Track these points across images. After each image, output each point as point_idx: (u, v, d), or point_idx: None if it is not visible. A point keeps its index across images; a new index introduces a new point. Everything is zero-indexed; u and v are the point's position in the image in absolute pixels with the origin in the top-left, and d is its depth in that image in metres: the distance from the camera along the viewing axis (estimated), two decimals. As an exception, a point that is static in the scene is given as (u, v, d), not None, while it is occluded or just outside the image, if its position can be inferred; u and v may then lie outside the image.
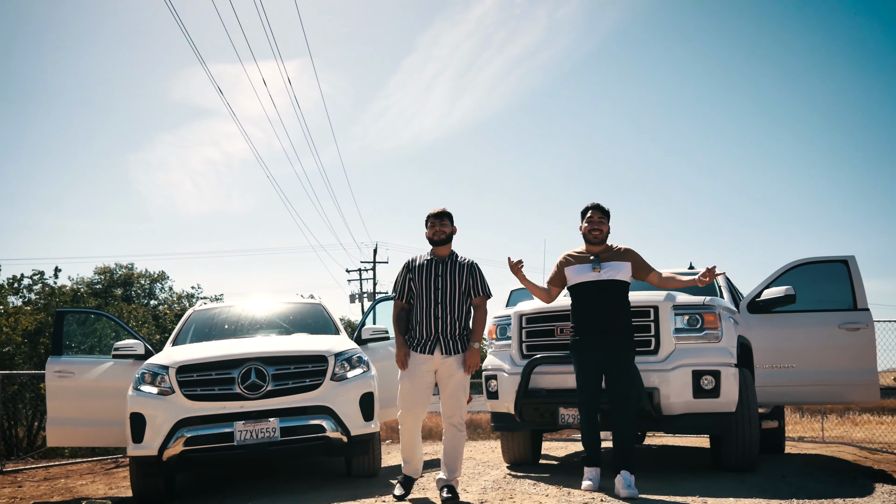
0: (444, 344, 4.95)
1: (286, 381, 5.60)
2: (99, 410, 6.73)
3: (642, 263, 5.25)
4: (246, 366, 5.54)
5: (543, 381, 5.78)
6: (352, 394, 5.76)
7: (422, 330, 4.98)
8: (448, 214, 5.11)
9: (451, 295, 4.98)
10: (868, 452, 9.99)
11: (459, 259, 5.10)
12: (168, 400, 5.48)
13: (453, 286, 4.99)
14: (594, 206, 5.28)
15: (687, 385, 5.37)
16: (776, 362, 6.68)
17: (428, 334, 4.96)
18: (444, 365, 4.96)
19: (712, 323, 5.54)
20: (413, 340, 5.02)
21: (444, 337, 4.94)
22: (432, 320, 4.95)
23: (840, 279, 6.91)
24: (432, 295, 4.97)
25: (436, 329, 4.94)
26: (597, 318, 5.09)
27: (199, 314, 7.49)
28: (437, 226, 5.05)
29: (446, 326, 4.95)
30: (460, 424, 4.98)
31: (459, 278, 5.01)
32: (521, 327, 6.07)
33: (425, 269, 5.03)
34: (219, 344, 6.16)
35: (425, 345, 4.96)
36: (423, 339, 4.97)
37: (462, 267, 5.06)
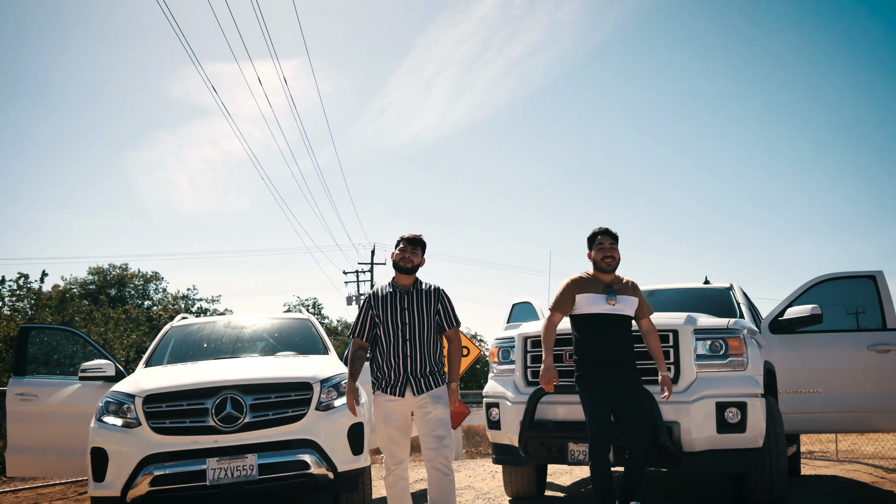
0: (416, 383, 4.43)
1: (266, 411, 5.06)
2: (64, 438, 6.17)
3: (644, 303, 4.90)
4: (221, 395, 5.00)
5: (551, 412, 5.24)
6: (339, 425, 5.21)
7: (390, 370, 4.46)
8: (421, 243, 4.63)
9: (420, 329, 4.47)
10: (884, 472, 9.60)
11: (424, 287, 4.60)
12: (133, 433, 4.93)
13: (421, 319, 4.48)
14: (604, 231, 4.85)
15: (710, 418, 4.85)
16: (801, 387, 6.17)
17: (397, 375, 4.44)
18: (419, 404, 4.44)
19: (737, 349, 5.02)
20: (381, 382, 4.50)
21: (415, 375, 4.43)
22: (401, 358, 4.43)
23: (868, 296, 6.41)
24: (399, 331, 4.45)
25: (405, 368, 4.43)
26: (611, 352, 4.68)
27: (177, 330, 6.94)
28: (407, 251, 4.55)
29: (416, 364, 4.44)
30: (446, 467, 4.44)
31: (427, 309, 4.52)
32: (525, 351, 5.53)
33: (390, 303, 4.51)
34: (193, 368, 5.60)
35: (395, 386, 4.44)
36: (392, 379, 4.45)
37: (429, 296, 4.56)
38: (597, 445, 4.61)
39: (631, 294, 4.81)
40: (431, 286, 4.64)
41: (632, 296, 4.80)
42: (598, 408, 4.62)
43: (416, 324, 4.46)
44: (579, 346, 4.76)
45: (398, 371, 4.44)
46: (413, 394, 4.42)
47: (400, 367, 4.43)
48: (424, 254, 4.63)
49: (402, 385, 4.43)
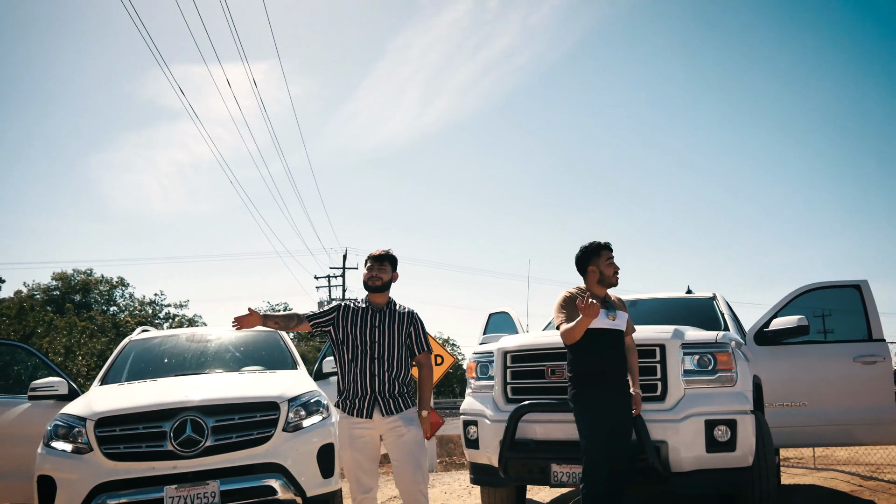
0: (384, 403, 4.15)
1: (229, 434, 4.73)
2: (12, 461, 5.76)
3: (629, 318, 4.72)
4: (180, 417, 4.67)
5: (532, 430, 4.97)
6: (308, 447, 4.91)
7: (356, 389, 4.17)
8: (390, 258, 4.38)
9: (391, 349, 4.22)
10: (861, 479, 9.51)
11: (398, 308, 4.37)
12: (85, 460, 4.59)
13: (392, 339, 4.23)
14: (607, 245, 4.65)
15: (699, 437, 4.62)
16: (786, 400, 5.99)
17: (363, 393, 4.15)
18: (390, 426, 4.15)
19: (726, 363, 4.80)
20: (348, 402, 4.20)
21: (383, 395, 4.15)
22: (367, 378, 4.15)
23: (853, 306, 6.25)
24: (368, 349, 4.19)
25: (372, 388, 4.15)
26: (612, 369, 4.45)
27: (136, 344, 6.58)
28: (374, 270, 4.30)
29: (384, 384, 4.16)
30: (423, 496, 4.19)
31: (399, 330, 4.27)
32: (505, 366, 5.26)
33: (360, 318, 4.25)
34: (150, 387, 5.25)
35: (362, 407, 4.14)
36: (358, 400, 4.16)
37: (402, 318, 4.33)
38: (597, 469, 4.31)
39: (622, 309, 4.64)
40: (406, 309, 4.40)
41: (623, 311, 4.63)
42: (599, 428, 4.34)
43: (385, 343, 4.21)
44: (579, 363, 4.47)
45: (365, 390, 4.15)
46: (381, 415, 4.13)
47: (367, 387, 4.15)
48: (396, 269, 4.39)
49: (369, 405, 4.14)
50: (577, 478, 4.70)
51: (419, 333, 4.35)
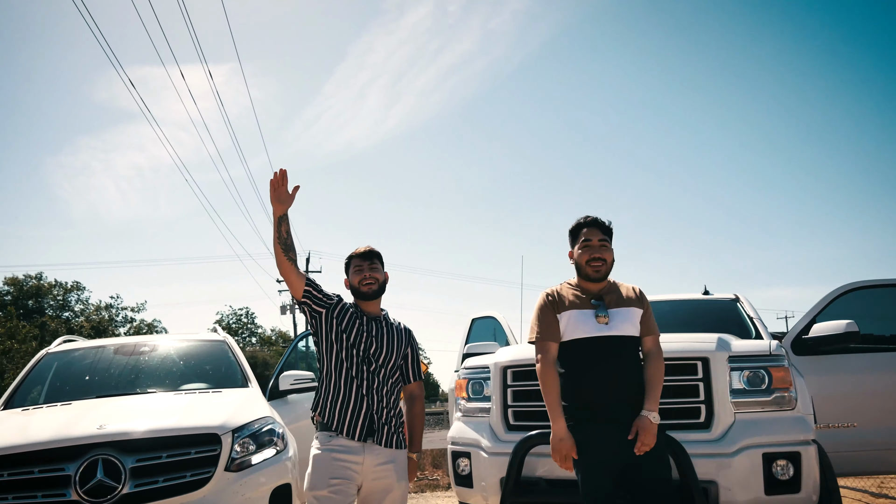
0: (380, 429, 3.25)
1: (154, 477, 3.65)
2: None
3: (650, 315, 3.47)
4: (90, 456, 3.58)
5: (543, 467, 3.93)
6: (259, 490, 3.86)
7: (345, 408, 3.25)
8: (379, 255, 3.53)
9: (385, 367, 3.35)
10: (871, 497, 8.83)
11: (393, 320, 3.53)
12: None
13: (388, 356, 3.37)
14: (592, 221, 3.48)
15: (756, 475, 3.64)
16: (832, 421, 5.07)
17: (357, 411, 3.23)
18: (379, 472, 3.22)
19: (783, 380, 3.84)
20: (335, 419, 3.24)
21: (380, 419, 3.26)
22: (362, 394, 3.26)
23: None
24: (362, 360, 3.31)
25: (369, 406, 3.25)
26: (607, 391, 3.27)
27: (54, 357, 5.46)
28: (365, 270, 3.42)
29: (381, 405, 3.29)
30: None
31: (397, 348, 3.42)
32: (504, 385, 4.23)
33: (357, 322, 3.37)
34: (57, 416, 4.13)
35: (353, 427, 3.21)
36: (350, 417, 3.22)
37: (400, 334, 3.48)
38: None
39: (632, 305, 3.41)
40: (402, 324, 3.51)
41: (633, 306, 3.41)
42: (593, 476, 3.23)
43: (383, 358, 3.35)
44: (566, 383, 3.38)
45: (359, 407, 3.23)
46: (375, 441, 3.20)
47: (360, 403, 3.24)
48: (383, 265, 3.53)
49: (362, 426, 3.21)
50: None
51: (415, 357, 3.45)
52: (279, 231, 3.30)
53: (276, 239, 3.31)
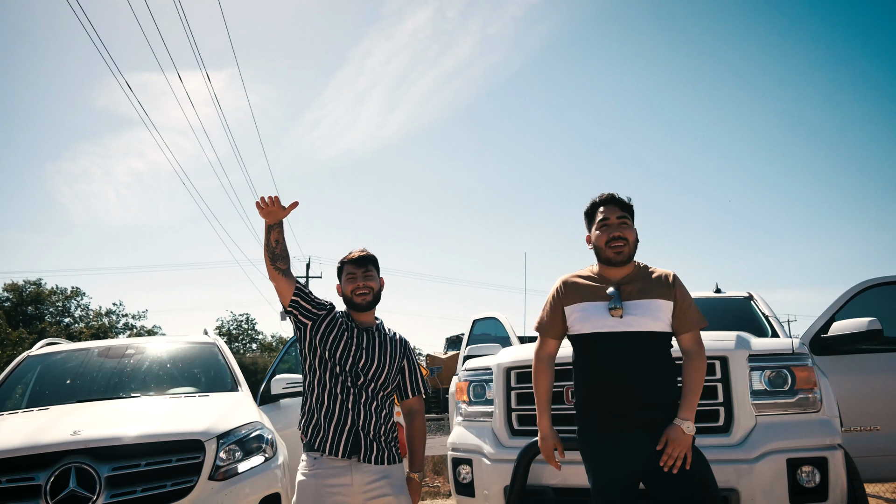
0: (368, 447, 2.99)
1: (132, 487, 3.40)
2: None
3: (687, 307, 3.01)
4: (62, 464, 3.33)
5: (549, 474, 3.67)
6: (244, 500, 3.63)
7: (336, 421, 3.01)
8: (374, 260, 3.27)
9: (378, 381, 3.11)
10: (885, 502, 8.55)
11: (388, 332, 3.28)
12: (-78, 528, 3.22)
13: (381, 369, 3.12)
14: (608, 197, 3.11)
15: (780, 482, 3.37)
16: (854, 424, 4.80)
17: (346, 427, 3.00)
18: (372, 488, 2.97)
19: (807, 381, 3.58)
20: (320, 438, 3.01)
21: (368, 436, 3.02)
22: (350, 409, 3.03)
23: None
24: (352, 372, 3.07)
25: (357, 421, 3.01)
26: (621, 392, 2.91)
27: (35, 360, 5.21)
28: (358, 279, 3.16)
29: (370, 420, 3.04)
30: None
31: (391, 360, 3.18)
32: (508, 387, 3.97)
33: (347, 333, 3.13)
34: (29, 421, 3.88)
35: (337, 443, 2.97)
36: (338, 436, 2.98)
37: (395, 345, 3.24)
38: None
39: (657, 296, 2.98)
40: (397, 334, 3.27)
41: (658, 297, 2.98)
42: (607, 487, 2.92)
43: (373, 371, 3.11)
44: (578, 383, 3.06)
45: (342, 423, 2.99)
46: (363, 459, 2.94)
47: (347, 418, 3.00)
48: (379, 270, 3.28)
49: (350, 443, 2.97)
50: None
51: (413, 369, 3.22)
52: (268, 240, 3.04)
53: (265, 247, 3.06)
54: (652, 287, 3.01)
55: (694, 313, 3.02)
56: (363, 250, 3.21)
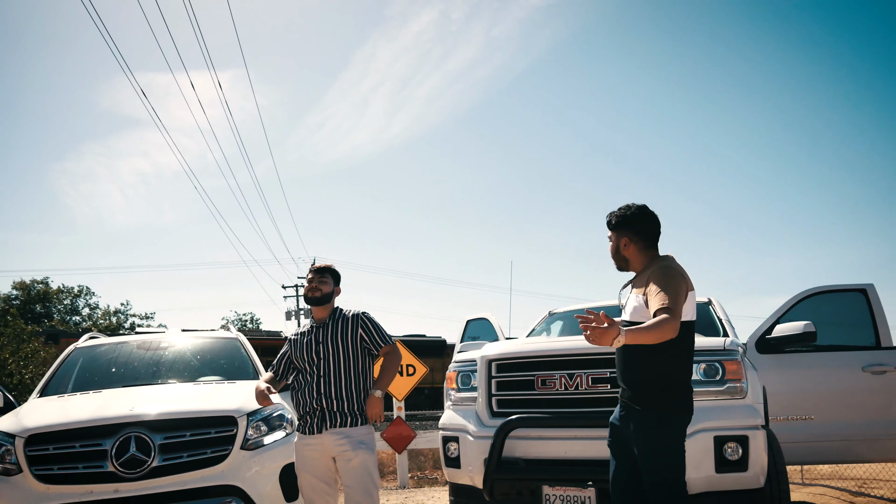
0: (332, 419, 3.88)
1: (179, 453, 4.17)
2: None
3: (655, 287, 3.36)
4: (123, 433, 4.10)
5: (521, 448, 4.45)
6: (269, 466, 4.38)
7: (305, 408, 3.96)
8: (331, 271, 4.21)
9: (337, 362, 3.97)
10: (851, 496, 9.23)
11: (340, 315, 4.11)
12: (12, 482, 4.01)
13: (338, 351, 3.99)
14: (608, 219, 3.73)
15: (708, 456, 4.13)
16: (791, 414, 5.55)
17: (312, 412, 3.93)
18: (338, 448, 3.86)
19: (735, 373, 4.33)
20: (300, 421, 4.01)
21: (331, 410, 3.90)
22: (315, 395, 3.92)
23: (859, 311, 5.84)
24: (314, 366, 3.98)
25: (319, 404, 3.90)
26: (619, 375, 3.58)
27: (81, 352, 5.97)
28: (314, 282, 4.10)
29: (332, 400, 3.91)
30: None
31: (346, 337, 4.03)
32: (489, 377, 4.75)
33: (304, 340, 4.06)
34: (91, 400, 4.66)
35: (311, 424, 3.92)
36: (307, 418, 3.95)
37: (346, 323, 4.07)
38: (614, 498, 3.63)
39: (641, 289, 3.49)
40: (350, 312, 4.09)
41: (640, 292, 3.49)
42: (612, 448, 3.61)
43: (331, 357, 3.96)
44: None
45: (312, 407, 3.92)
46: (327, 427, 3.85)
47: (314, 404, 3.91)
48: (338, 283, 4.20)
49: (317, 422, 3.89)
50: (572, 502, 4.20)
51: (371, 332, 4.03)
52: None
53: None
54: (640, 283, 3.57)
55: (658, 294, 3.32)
56: (325, 263, 4.20)
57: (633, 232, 3.63)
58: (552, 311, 6.85)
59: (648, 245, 3.63)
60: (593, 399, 4.39)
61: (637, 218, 3.64)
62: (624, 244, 3.64)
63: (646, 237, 3.63)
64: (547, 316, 6.80)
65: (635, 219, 3.64)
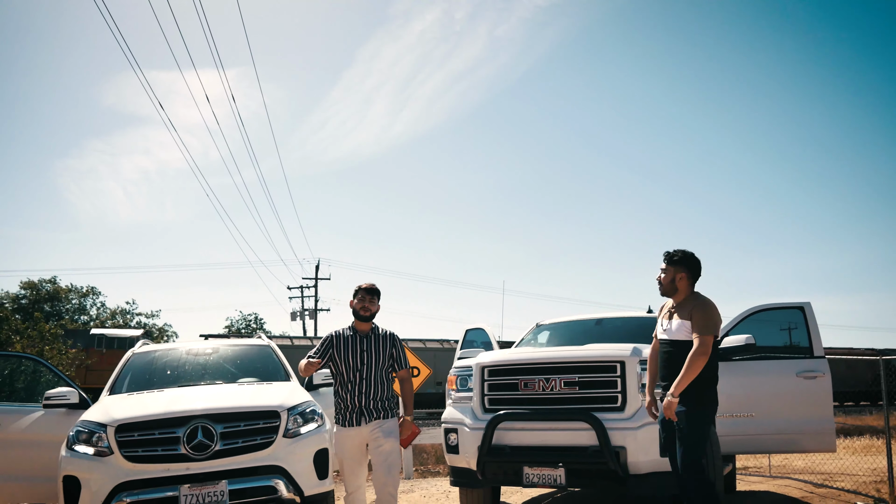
0: (368, 415, 4.94)
1: (235, 439, 5.27)
2: (29, 464, 6.24)
3: (697, 320, 4.71)
4: (192, 424, 5.19)
5: (507, 437, 5.58)
6: (305, 451, 5.46)
7: (347, 403, 4.98)
8: (377, 292, 5.16)
9: (374, 369, 5.00)
10: (813, 487, 10.10)
11: (380, 332, 5.14)
12: (106, 462, 5.09)
13: (376, 360, 5.02)
14: (665, 255, 4.99)
15: (654, 443, 5.23)
16: (736, 411, 6.61)
17: (353, 406, 4.95)
18: (373, 436, 4.92)
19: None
20: (342, 415, 5.00)
21: (368, 408, 4.94)
22: (356, 394, 4.95)
23: (797, 325, 6.91)
24: (357, 370, 4.97)
25: (359, 401, 4.94)
26: (662, 377, 4.86)
27: (138, 357, 7.07)
28: (365, 301, 5.07)
29: (369, 398, 4.95)
30: (392, 495, 4.96)
31: (383, 351, 5.06)
32: (483, 380, 5.87)
33: (350, 345, 5.03)
34: (162, 397, 5.77)
35: (352, 418, 4.95)
36: (349, 412, 4.96)
37: (384, 340, 5.11)
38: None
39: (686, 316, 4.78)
40: (387, 332, 5.15)
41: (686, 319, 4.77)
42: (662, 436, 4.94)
43: (371, 364, 4.98)
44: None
45: (354, 404, 4.93)
46: (366, 421, 4.89)
47: (355, 401, 4.93)
48: (379, 300, 5.13)
49: (356, 415, 4.92)
50: (546, 479, 5.30)
51: (399, 353, 5.12)
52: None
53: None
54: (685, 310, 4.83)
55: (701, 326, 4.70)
56: (373, 284, 5.12)
57: (689, 271, 4.91)
58: (539, 323, 7.94)
59: (693, 283, 4.92)
60: (564, 398, 5.52)
61: (694, 262, 4.94)
62: (679, 278, 4.90)
63: (695, 277, 4.94)
64: (534, 327, 7.90)
65: (693, 262, 4.94)
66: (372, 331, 5.10)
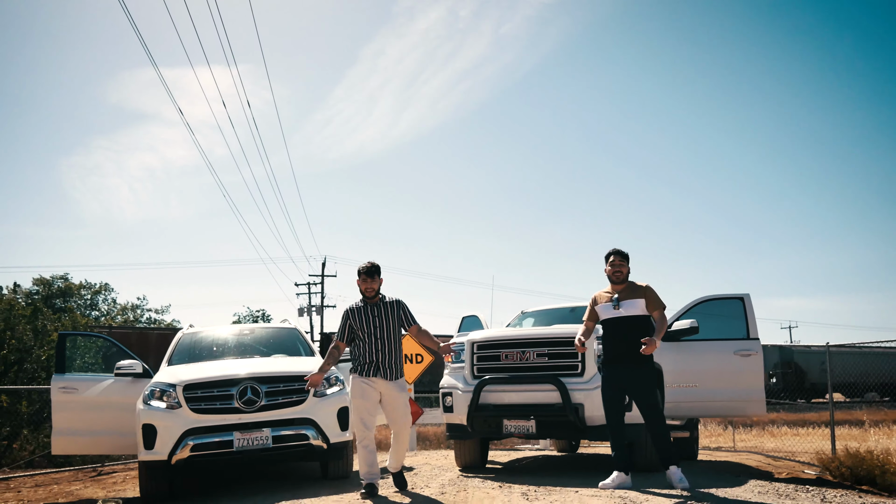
0: (385, 371, 5.96)
1: (277, 397, 6.68)
2: (100, 422, 7.70)
3: (652, 299, 6.17)
4: (243, 384, 6.60)
5: (491, 397, 6.99)
6: (331, 408, 6.86)
7: (365, 359, 5.97)
8: (377, 269, 6.07)
9: (386, 330, 6.00)
10: (771, 460, 11.32)
11: (388, 300, 6.12)
12: (176, 413, 6.51)
13: (387, 323, 6.01)
14: (615, 251, 6.30)
15: (606, 401, 6.61)
16: (683, 382, 7.96)
17: (371, 362, 5.95)
18: (387, 390, 5.97)
19: None
20: (360, 368, 5.99)
21: (384, 365, 5.96)
22: (373, 352, 5.95)
23: (737, 313, 8.26)
24: (372, 334, 5.97)
25: (376, 358, 5.95)
26: (617, 347, 6.11)
27: (187, 337, 8.49)
28: (367, 282, 6.02)
29: (385, 356, 5.96)
30: (408, 430, 6.17)
31: (392, 316, 6.05)
32: (472, 353, 7.28)
33: (363, 313, 6.03)
34: (216, 365, 7.20)
35: (369, 370, 5.95)
36: (367, 366, 5.95)
37: (392, 306, 6.09)
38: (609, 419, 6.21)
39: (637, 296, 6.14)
40: (393, 299, 6.16)
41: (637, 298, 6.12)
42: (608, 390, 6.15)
43: (383, 328, 6.00)
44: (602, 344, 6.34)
45: (372, 360, 5.97)
46: (383, 378, 5.97)
47: (373, 358, 5.95)
48: (380, 273, 6.10)
49: (374, 370, 5.94)
50: (521, 429, 6.70)
51: (406, 313, 6.14)
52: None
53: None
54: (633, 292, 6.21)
55: (656, 301, 6.18)
56: (372, 264, 6.01)
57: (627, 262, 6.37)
58: (524, 311, 9.36)
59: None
60: (536, 367, 6.92)
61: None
62: (628, 269, 6.32)
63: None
64: (520, 314, 9.32)
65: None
66: (381, 300, 6.08)
